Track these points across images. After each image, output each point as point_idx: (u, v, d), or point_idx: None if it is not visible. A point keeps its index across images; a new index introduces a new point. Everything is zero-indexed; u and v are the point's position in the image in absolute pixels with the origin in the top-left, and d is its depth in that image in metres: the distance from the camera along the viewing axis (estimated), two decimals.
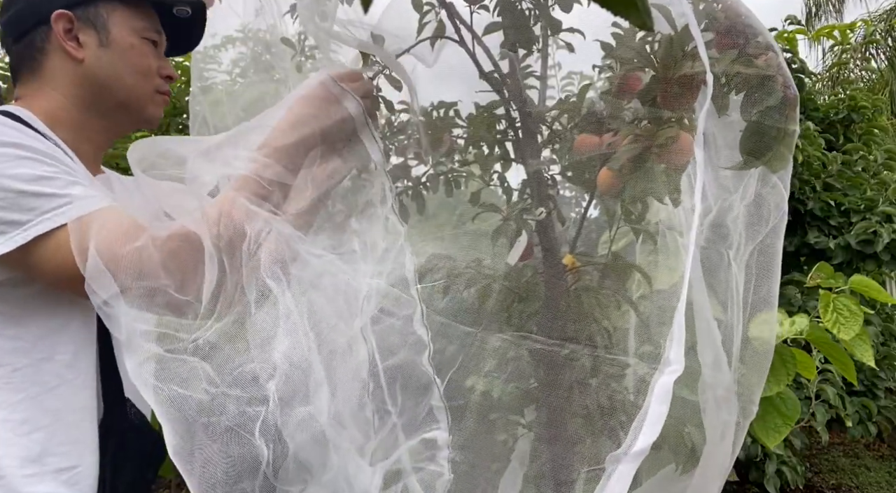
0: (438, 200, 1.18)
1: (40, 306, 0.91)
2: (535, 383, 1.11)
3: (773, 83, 0.87)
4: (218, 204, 0.89)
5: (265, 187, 0.91)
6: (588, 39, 1.05)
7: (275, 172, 0.92)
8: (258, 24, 1.28)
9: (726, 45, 0.87)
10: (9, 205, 0.84)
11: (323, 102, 0.95)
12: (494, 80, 1.08)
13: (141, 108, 1.06)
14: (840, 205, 3.95)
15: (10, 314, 0.90)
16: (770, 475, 3.31)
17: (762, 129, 0.89)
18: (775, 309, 0.99)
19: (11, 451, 0.88)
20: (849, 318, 1.84)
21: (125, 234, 0.84)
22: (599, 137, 1.00)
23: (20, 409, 0.89)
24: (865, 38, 8.24)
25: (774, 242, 0.96)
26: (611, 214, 1.09)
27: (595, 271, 1.10)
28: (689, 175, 0.97)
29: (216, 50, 1.39)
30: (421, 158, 1.17)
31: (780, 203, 0.95)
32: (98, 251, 0.82)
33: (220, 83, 1.41)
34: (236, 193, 0.89)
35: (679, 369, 0.75)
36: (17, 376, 0.90)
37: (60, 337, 0.93)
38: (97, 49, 1.01)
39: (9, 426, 0.89)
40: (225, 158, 0.96)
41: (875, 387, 4.02)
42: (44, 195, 0.85)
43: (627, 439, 0.73)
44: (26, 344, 0.90)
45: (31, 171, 0.86)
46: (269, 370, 0.80)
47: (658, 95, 0.90)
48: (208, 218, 0.87)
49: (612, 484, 0.72)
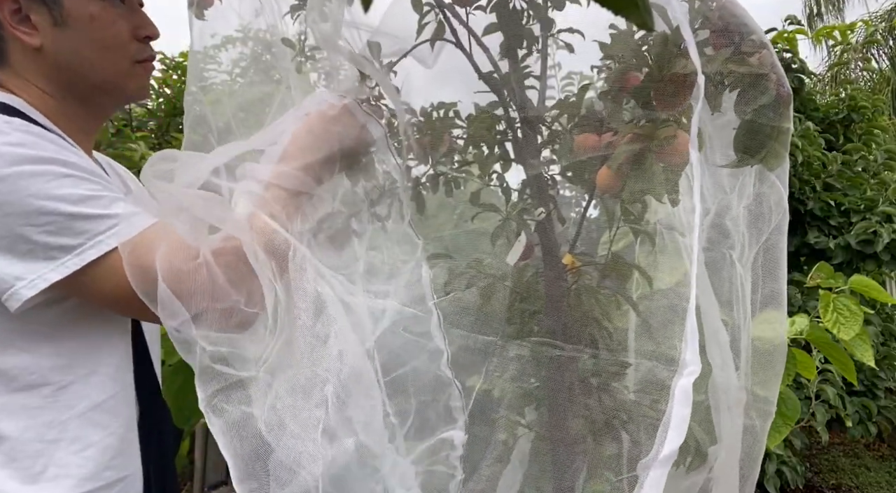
0: (438, 201, 1.18)
1: (76, 322, 0.88)
2: (535, 382, 1.11)
3: (767, 81, 0.87)
4: (250, 215, 0.86)
5: (291, 200, 0.89)
6: (588, 39, 1.05)
7: (302, 183, 0.91)
8: (258, 24, 1.28)
9: (721, 44, 0.87)
10: (58, 229, 0.79)
11: (347, 123, 0.95)
12: (493, 80, 1.08)
13: (120, 86, 0.97)
14: (840, 205, 3.95)
15: (45, 333, 0.87)
16: (770, 475, 3.31)
17: (756, 127, 0.90)
18: (784, 308, 0.98)
19: (70, 471, 0.86)
20: (849, 318, 1.84)
21: (183, 252, 0.81)
22: (599, 136, 1.00)
23: (71, 427, 0.87)
24: (866, 38, 8.24)
25: (779, 241, 0.96)
26: (610, 214, 1.09)
27: (595, 271, 1.10)
28: (687, 175, 0.97)
29: (216, 50, 1.39)
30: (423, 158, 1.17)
31: (781, 201, 0.95)
32: (164, 277, 0.79)
33: (219, 83, 1.41)
34: (264, 205, 0.87)
35: (696, 370, 0.75)
36: (63, 394, 0.87)
37: (102, 351, 0.91)
38: (52, 30, 0.88)
39: (63, 446, 0.86)
40: (246, 172, 0.94)
41: (875, 387, 4.02)
42: (93, 218, 0.81)
43: (655, 444, 0.73)
44: (66, 361, 0.88)
45: (75, 190, 0.81)
46: (327, 376, 0.81)
47: (652, 94, 0.91)
48: (245, 228, 0.84)
49: (645, 491, 0.73)
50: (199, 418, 2.69)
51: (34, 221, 0.78)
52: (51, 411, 0.86)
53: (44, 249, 0.79)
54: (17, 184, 0.78)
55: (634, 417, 1.01)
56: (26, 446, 0.85)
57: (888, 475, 4.43)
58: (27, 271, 0.79)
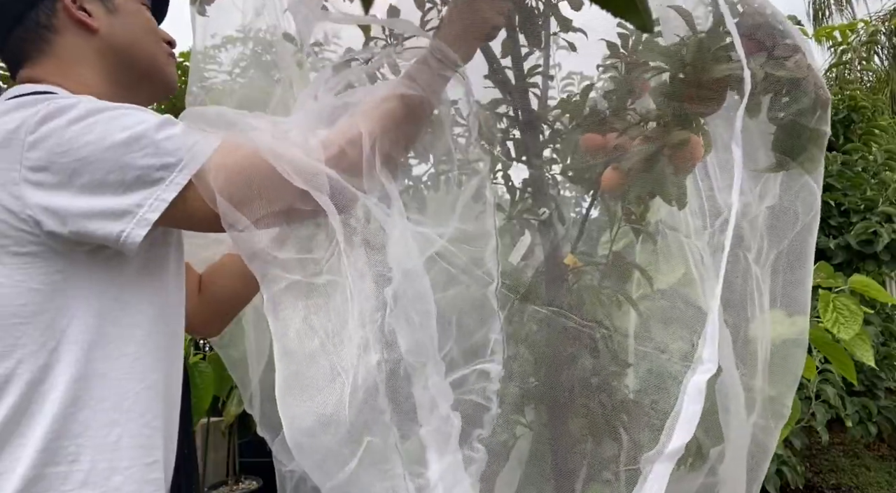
0: (439, 199, 1.18)
1: (144, 286, 0.90)
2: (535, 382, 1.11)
3: (806, 85, 0.87)
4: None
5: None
6: (591, 39, 1.05)
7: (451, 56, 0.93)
8: (259, 24, 1.28)
9: (753, 48, 0.87)
10: (155, 151, 0.82)
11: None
12: (497, 79, 1.08)
13: (162, 71, 1.04)
14: (840, 205, 3.95)
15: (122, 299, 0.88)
16: (770, 475, 3.31)
17: (797, 129, 0.89)
18: (807, 309, 0.98)
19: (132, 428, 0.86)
20: (849, 318, 1.84)
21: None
22: (604, 136, 1.00)
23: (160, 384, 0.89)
24: (868, 38, 8.25)
25: (807, 241, 0.96)
26: (612, 215, 1.09)
27: (596, 272, 1.10)
28: (695, 177, 0.97)
29: (216, 50, 1.39)
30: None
31: (815, 202, 0.96)
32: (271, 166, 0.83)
33: (220, 83, 1.41)
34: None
35: (713, 369, 0.75)
36: (138, 363, 0.87)
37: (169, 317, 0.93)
38: (107, 17, 0.98)
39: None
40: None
41: (875, 387, 4.02)
42: (176, 136, 0.84)
43: (661, 438, 0.73)
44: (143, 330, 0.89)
45: (153, 118, 0.84)
46: (388, 276, 0.84)
47: (685, 97, 0.90)
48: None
49: (648, 485, 0.73)
50: (199, 418, 2.68)
51: (134, 148, 0.82)
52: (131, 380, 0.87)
53: (150, 170, 0.82)
54: (109, 123, 0.82)
55: (633, 416, 1.01)
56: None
57: (888, 475, 4.43)
58: (143, 197, 0.82)
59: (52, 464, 0.80)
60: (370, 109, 0.91)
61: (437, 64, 0.93)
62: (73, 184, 0.80)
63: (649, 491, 0.73)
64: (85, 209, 0.80)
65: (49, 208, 0.80)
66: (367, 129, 0.88)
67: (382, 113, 0.91)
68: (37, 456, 0.79)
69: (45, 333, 0.82)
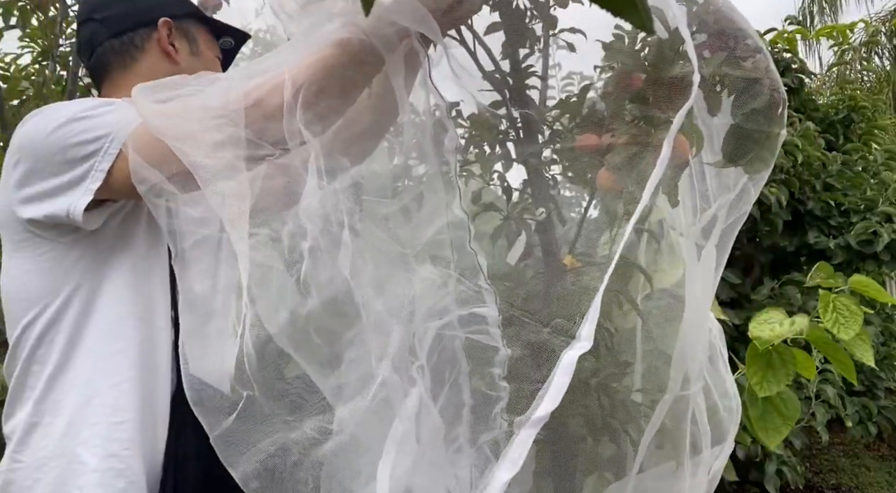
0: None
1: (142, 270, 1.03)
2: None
3: (760, 86, 0.88)
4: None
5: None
6: (589, 40, 1.05)
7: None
8: (258, 25, 1.29)
9: (717, 48, 0.88)
10: (86, 128, 0.95)
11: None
12: (495, 79, 1.08)
13: None
14: (840, 205, 3.95)
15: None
16: (770, 475, 3.31)
17: (744, 132, 0.91)
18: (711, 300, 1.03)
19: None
20: (849, 318, 1.84)
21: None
22: (599, 136, 1.00)
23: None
24: (868, 38, 8.24)
25: (729, 237, 0.98)
26: (611, 215, 1.09)
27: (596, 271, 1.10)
28: (690, 175, 0.98)
29: None
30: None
31: (746, 205, 0.98)
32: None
33: None
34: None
35: (587, 346, 0.78)
36: (111, 333, 1.00)
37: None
38: (189, 56, 1.18)
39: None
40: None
41: (875, 387, 4.02)
42: (105, 114, 0.97)
43: (532, 406, 0.77)
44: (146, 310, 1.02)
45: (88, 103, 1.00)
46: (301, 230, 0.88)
47: (650, 95, 0.91)
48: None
49: (513, 449, 0.77)
50: None
51: (72, 129, 0.96)
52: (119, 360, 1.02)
53: (85, 144, 0.95)
54: (56, 113, 0.99)
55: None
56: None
57: (888, 475, 4.44)
58: (85, 170, 0.94)
59: (48, 414, 0.98)
60: (307, 55, 0.91)
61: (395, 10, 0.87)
62: (34, 174, 0.96)
63: (513, 454, 0.77)
64: (46, 190, 0.95)
65: (24, 199, 0.97)
66: (291, 75, 0.88)
67: (314, 60, 0.90)
68: (33, 409, 0.98)
69: (53, 303, 0.99)
